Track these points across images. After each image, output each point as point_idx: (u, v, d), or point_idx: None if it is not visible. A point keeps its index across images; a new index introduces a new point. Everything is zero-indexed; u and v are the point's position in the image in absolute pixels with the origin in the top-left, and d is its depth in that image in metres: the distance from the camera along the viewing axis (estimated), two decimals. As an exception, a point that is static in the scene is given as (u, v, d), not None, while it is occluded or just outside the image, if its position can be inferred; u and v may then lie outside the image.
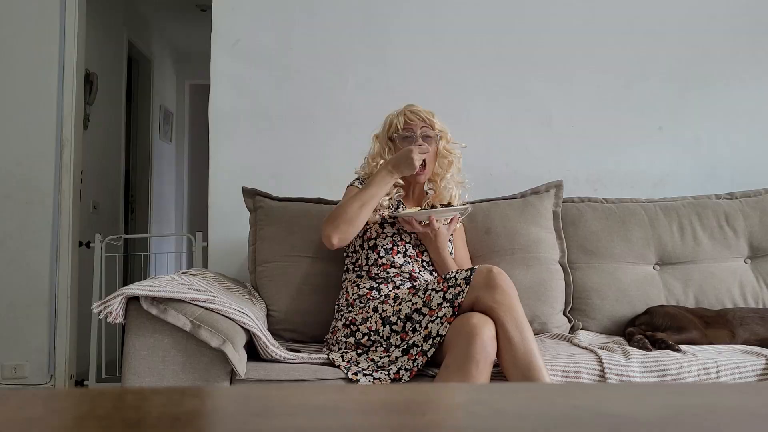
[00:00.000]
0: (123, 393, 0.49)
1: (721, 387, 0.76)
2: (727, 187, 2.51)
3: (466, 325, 1.55)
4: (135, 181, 4.67)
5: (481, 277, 1.62)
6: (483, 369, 1.51)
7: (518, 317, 1.58)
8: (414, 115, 2.00)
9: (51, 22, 2.98)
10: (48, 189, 2.97)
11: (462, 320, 1.58)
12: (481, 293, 1.60)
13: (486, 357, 1.51)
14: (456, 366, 1.52)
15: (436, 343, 1.59)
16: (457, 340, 1.55)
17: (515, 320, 1.56)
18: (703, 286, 2.22)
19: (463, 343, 1.52)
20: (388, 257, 1.93)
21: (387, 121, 2.05)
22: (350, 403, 0.50)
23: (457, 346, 1.54)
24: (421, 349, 1.60)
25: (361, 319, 1.79)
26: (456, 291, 1.63)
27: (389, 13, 2.66)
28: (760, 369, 1.71)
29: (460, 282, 1.64)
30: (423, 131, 1.99)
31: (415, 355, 1.61)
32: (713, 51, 2.69)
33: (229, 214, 2.49)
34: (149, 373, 1.56)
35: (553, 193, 2.30)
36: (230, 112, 2.59)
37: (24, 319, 2.92)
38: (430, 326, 1.62)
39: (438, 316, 1.62)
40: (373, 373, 1.62)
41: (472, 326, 1.53)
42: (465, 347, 1.51)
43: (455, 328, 1.57)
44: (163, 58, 5.21)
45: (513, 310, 1.58)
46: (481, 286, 1.61)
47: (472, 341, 1.51)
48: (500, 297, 1.58)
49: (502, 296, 1.59)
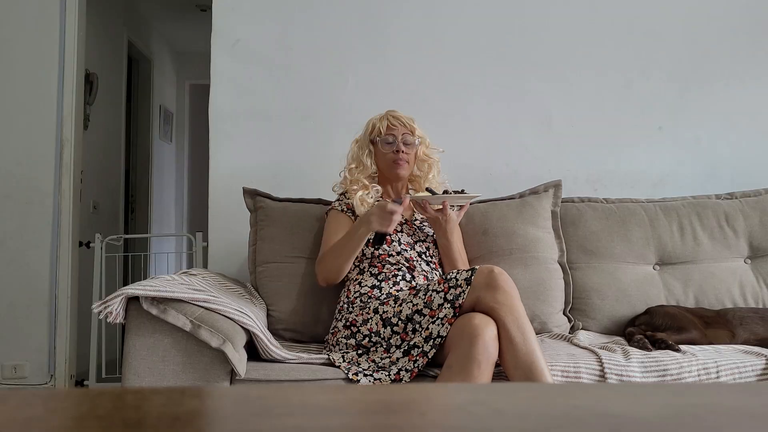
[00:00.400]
0: (123, 393, 0.49)
1: (721, 387, 0.76)
2: (727, 187, 2.51)
3: (468, 325, 1.55)
4: (135, 181, 4.67)
5: (482, 277, 1.62)
6: (485, 369, 1.51)
7: (520, 317, 1.58)
8: (396, 121, 2.07)
9: (51, 22, 2.98)
10: (48, 189, 2.97)
11: (464, 321, 1.58)
12: (482, 294, 1.60)
13: (488, 357, 1.51)
14: (458, 366, 1.52)
15: (437, 344, 1.59)
16: (459, 340, 1.55)
17: (517, 320, 1.57)
18: (703, 286, 2.22)
19: (465, 343, 1.52)
20: (384, 246, 1.96)
21: (369, 125, 2.11)
22: (350, 403, 0.50)
23: (459, 346, 1.53)
24: (422, 350, 1.60)
25: (361, 321, 1.79)
26: (457, 292, 1.63)
27: (389, 13, 2.67)
28: (760, 369, 1.71)
29: (460, 282, 1.64)
30: (404, 137, 2.06)
31: (416, 356, 1.61)
32: (713, 51, 2.70)
33: (229, 214, 2.49)
34: (149, 373, 1.56)
35: (551, 193, 2.30)
36: (230, 112, 2.59)
37: (24, 319, 2.92)
38: (431, 327, 1.62)
39: (439, 317, 1.62)
40: (374, 373, 1.62)
41: (474, 327, 1.53)
42: (467, 348, 1.51)
43: (457, 329, 1.57)
44: (163, 58, 5.21)
45: (515, 311, 1.58)
46: (482, 287, 1.61)
47: (474, 342, 1.51)
48: (502, 297, 1.59)
49: (504, 297, 1.59)
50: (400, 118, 2.08)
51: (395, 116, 2.08)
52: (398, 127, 2.06)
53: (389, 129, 2.06)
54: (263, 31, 2.63)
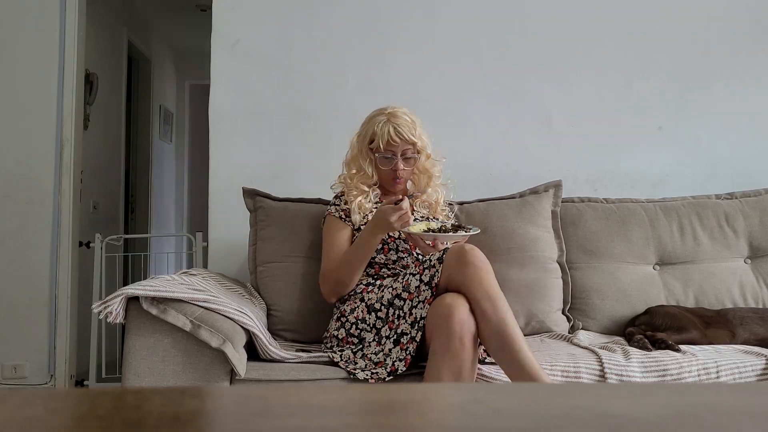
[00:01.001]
0: (123, 393, 0.49)
1: (721, 387, 0.76)
2: (727, 187, 2.51)
3: (441, 306, 1.57)
4: (135, 181, 4.67)
5: (453, 255, 1.63)
6: (467, 343, 1.52)
7: (490, 289, 1.57)
8: (397, 137, 1.95)
9: (51, 22, 2.98)
10: (48, 189, 2.97)
11: (437, 303, 1.59)
12: (452, 271, 1.61)
13: (467, 332, 1.53)
14: (441, 348, 1.53)
15: (421, 327, 1.61)
16: (437, 322, 1.56)
17: (486, 292, 1.57)
18: (703, 286, 2.22)
19: (443, 324, 1.54)
20: (380, 256, 1.95)
21: (370, 130, 2.00)
22: (350, 403, 0.50)
23: (438, 328, 1.55)
24: (411, 336, 1.62)
25: (349, 310, 1.82)
26: (431, 272, 1.65)
27: (389, 13, 2.67)
28: (760, 369, 1.71)
29: (434, 263, 1.66)
30: (404, 153, 1.98)
31: (406, 344, 1.62)
32: (713, 51, 2.70)
33: (229, 214, 2.49)
34: (149, 373, 1.56)
35: (551, 192, 2.30)
36: (230, 112, 2.59)
37: (24, 319, 2.92)
38: (415, 311, 1.64)
39: (420, 300, 1.64)
40: (371, 370, 1.63)
41: (447, 306, 1.55)
42: (445, 327, 1.53)
43: (434, 312, 1.59)
44: (163, 58, 5.21)
45: (484, 283, 1.58)
46: (452, 265, 1.62)
47: (449, 320, 1.53)
48: (471, 271, 1.59)
49: (474, 271, 1.59)
50: (401, 134, 1.94)
51: (397, 130, 1.95)
52: (398, 144, 1.95)
53: (389, 146, 1.96)
54: (263, 31, 2.63)
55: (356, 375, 1.63)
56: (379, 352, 1.68)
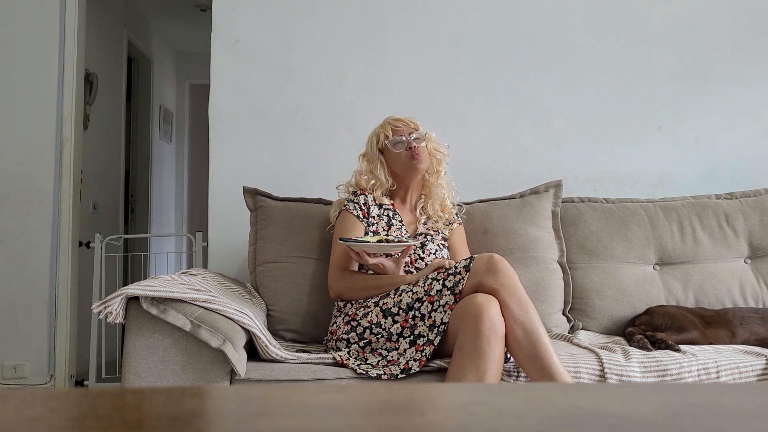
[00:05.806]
0: (123, 393, 0.49)
1: (721, 387, 0.76)
2: (727, 187, 2.51)
3: (472, 306, 1.57)
4: (135, 181, 4.67)
5: (482, 263, 1.65)
6: (495, 345, 1.53)
7: (522, 298, 1.60)
8: (400, 122, 2.06)
9: (51, 22, 2.98)
10: (48, 189, 2.97)
11: (466, 302, 1.60)
12: (483, 278, 1.63)
13: (496, 333, 1.53)
14: (469, 346, 1.53)
15: (441, 332, 1.62)
16: (464, 321, 1.56)
17: (519, 301, 1.59)
18: (703, 286, 2.22)
19: (471, 323, 1.54)
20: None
21: (373, 137, 2.08)
22: (350, 403, 0.50)
23: (465, 327, 1.55)
24: (428, 339, 1.63)
25: (361, 314, 1.81)
26: (456, 279, 1.66)
27: (389, 14, 2.67)
28: (760, 369, 1.71)
29: (459, 270, 1.67)
30: (412, 134, 2.03)
31: (422, 346, 1.63)
32: (713, 51, 2.70)
33: (229, 214, 2.49)
34: (149, 373, 1.56)
35: (552, 192, 2.30)
36: (230, 112, 2.59)
37: (24, 319, 2.92)
38: (434, 315, 1.64)
39: (440, 305, 1.64)
40: (383, 368, 1.63)
41: (478, 305, 1.55)
42: (474, 327, 1.53)
43: (460, 311, 1.59)
44: (163, 58, 5.21)
45: (516, 292, 1.61)
46: (482, 272, 1.63)
47: (479, 320, 1.53)
48: (503, 279, 1.62)
49: (505, 279, 1.62)
50: (402, 119, 2.07)
51: (396, 118, 2.08)
52: (403, 128, 2.04)
53: (395, 131, 2.04)
54: (263, 31, 2.63)
55: (368, 373, 1.62)
56: (392, 350, 1.69)
